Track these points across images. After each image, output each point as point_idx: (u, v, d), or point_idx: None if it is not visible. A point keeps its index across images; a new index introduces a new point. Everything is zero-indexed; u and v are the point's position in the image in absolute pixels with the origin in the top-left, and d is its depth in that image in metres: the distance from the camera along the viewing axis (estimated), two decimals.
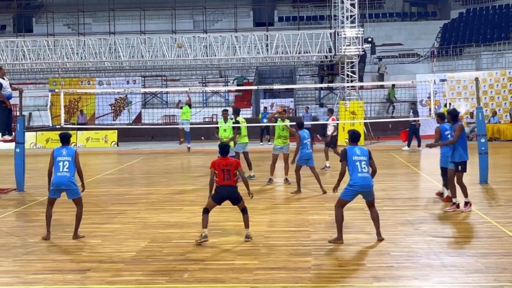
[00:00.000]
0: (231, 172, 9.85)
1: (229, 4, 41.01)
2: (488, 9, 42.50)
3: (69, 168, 10.23)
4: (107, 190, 16.20)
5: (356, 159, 9.53)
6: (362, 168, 9.50)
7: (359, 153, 9.59)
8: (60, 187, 10.32)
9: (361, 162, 9.52)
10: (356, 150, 9.64)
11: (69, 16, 44.12)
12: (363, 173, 9.50)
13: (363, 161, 9.54)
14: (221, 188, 9.87)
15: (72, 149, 10.53)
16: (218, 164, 9.91)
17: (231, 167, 9.87)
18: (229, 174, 9.83)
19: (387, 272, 8.11)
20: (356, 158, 9.53)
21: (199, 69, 38.07)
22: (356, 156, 9.56)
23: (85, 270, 8.49)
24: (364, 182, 9.50)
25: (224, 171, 9.84)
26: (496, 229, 10.27)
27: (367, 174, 9.55)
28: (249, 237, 9.89)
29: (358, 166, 9.50)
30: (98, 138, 31.30)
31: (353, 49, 29.01)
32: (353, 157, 9.55)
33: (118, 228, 11.17)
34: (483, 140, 15.24)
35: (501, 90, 30.82)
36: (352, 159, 9.54)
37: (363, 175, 9.49)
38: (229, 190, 9.85)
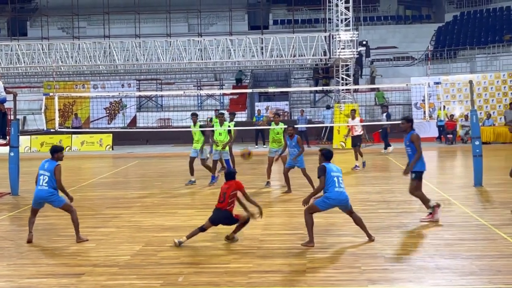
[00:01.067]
0: (227, 194, 9.74)
1: (224, 7, 41.05)
2: (482, 12, 42.65)
3: (48, 182, 10.37)
4: (101, 193, 16.17)
5: (334, 175, 9.80)
6: (340, 183, 9.79)
7: (335, 170, 9.90)
8: (40, 200, 10.50)
9: (338, 178, 9.82)
10: (332, 167, 9.92)
11: (64, 19, 44.08)
12: (340, 188, 9.78)
13: (339, 176, 9.85)
14: (214, 211, 9.92)
15: (53, 163, 10.53)
16: (222, 189, 9.93)
17: (228, 190, 9.79)
18: (224, 196, 9.76)
19: (382, 275, 8.11)
20: (334, 174, 9.81)
21: (194, 72, 38.10)
22: (333, 172, 9.83)
23: (79, 274, 8.46)
24: (340, 197, 9.75)
25: (221, 194, 9.87)
26: (491, 231, 10.28)
27: (343, 189, 9.83)
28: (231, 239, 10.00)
29: (335, 181, 9.77)
30: (93, 142, 31.25)
31: (347, 52, 29.07)
32: (331, 173, 9.80)
33: (113, 231, 11.15)
34: (477, 143, 15.28)
35: (495, 93, 30.92)
36: (331, 175, 9.78)
37: (340, 190, 9.76)
38: (218, 214, 9.83)
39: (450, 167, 21.50)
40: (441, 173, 19.92)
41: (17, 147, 16.11)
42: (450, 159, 23.67)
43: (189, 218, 12.23)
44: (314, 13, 43.83)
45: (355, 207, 12.06)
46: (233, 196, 9.81)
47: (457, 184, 16.13)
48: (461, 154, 24.36)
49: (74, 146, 31.11)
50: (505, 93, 30.72)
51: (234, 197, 9.85)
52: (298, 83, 38.14)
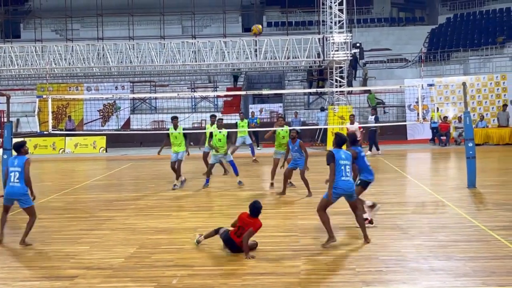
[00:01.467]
0: (244, 230, 9.34)
1: (217, 9, 41.04)
2: (476, 14, 42.80)
3: (20, 178, 10.37)
4: (95, 196, 16.13)
5: (342, 163, 9.69)
6: (346, 172, 9.69)
7: (344, 157, 9.77)
8: (11, 197, 10.48)
9: (345, 167, 9.70)
10: (341, 154, 9.81)
11: (57, 21, 43.96)
12: (346, 177, 9.70)
13: (347, 165, 9.73)
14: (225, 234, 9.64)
15: (23, 158, 10.53)
16: (242, 219, 9.58)
17: (246, 227, 9.37)
18: (240, 229, 9.41)
19: (376, 276, 8.12)
20: (342, 162, 9.69)
21: (188, 74, 38.06)
22: (342, 160, 9.71)
23: (73, 276, 8.43)
24: (347, 186, 9.69)
25: (238, 223, 9.54)
26: (484, 233, 10.31)
27: (349, 178, 9.77)
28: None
29: (342, 170, 9.66)
30: (86, 144, 31.17)
31: (341, 54, 29.09)
32: (339, 161, 9.69)
33: (107, 234, 11.11)
34: (471, 145, 15.31)
35: (489, 95, 31.01)
36: (339, 163, 9.67)
37: (346, 179, 9.69)
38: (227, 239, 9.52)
39: (443, 169, 21.55)
40: (434, 174, 19.97)
41: (10, 150, 16.02)
42: (443, 160, 23.72)
43: (183, 220, 12.21)
44: (308, 15, 43.86)
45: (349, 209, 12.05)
46: (245, 231, 9.33)
47: (451, 186, 16.16)
48: (454, 156, 24.41)
49: (67, 149, 31.03)
50: (498, 95, 30.81)
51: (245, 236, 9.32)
52: (292, 85, 38.16)
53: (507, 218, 11.48)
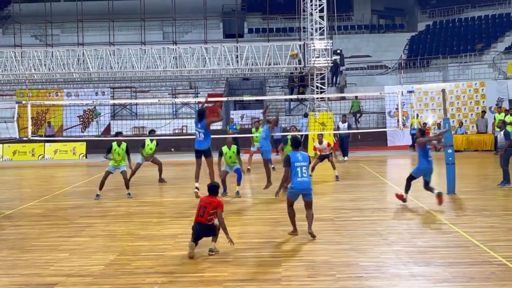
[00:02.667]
0: (207, 211, 9.72)
1: (199, 15, 41.01)
2: (455, 21, 43.27)
3: None
4: (75, 202, 16.01)
5: (298, 165, 10.59)
6: (302, 173, 10.60)
7: (301, 159, 10.67)
8: None
9: (301, 168, 10.60)
10: (298, 156, 10.70)
11: (37, 27, 43.65)
12: (303, 177, 10.60)
13: (303, 166, 10.63)
14: (194, 227, 9.86)
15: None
16: (202, 200, 10.00)
17: (209, 206, 9.77)
18: (203, 212, 9.73)
19: (356, 282, 8.15)
20: (298, 164, 10.59)
21: (169, 80, 37.98)
22: (298, 162, 10.61)
23: (52, 284, 8.37)
24: (302, 186, 10.63)
25: (200, 208, 9.84)
26: (464, 238, 10.40)
27: (306, 178, 10.64)
28: (213, 251, 9.78)
29: (298, 171, 10.59)
30: (66, 150, 30.94)
31: (322, 60, 29.23)
32: (295, 163, 10.59)
33: (86, 241, 11.04)
34: (450, 151, 15.45)
35: (468, 101, 31.33)
36: (294, 165, 10.59)
37: (302, 179, 10.59)
38: (198, 228, 9.77)
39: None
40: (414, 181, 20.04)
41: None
42: None
43: (163, 227, 12.17)
44: (289, 22, 44.01)
45: (329, 215, 12.19)
46: (212, 214, 9.76)
47: (430, 192, 16.25)
48: (434, 162, 24.53)
49: (47, 155, 30.78)
50: (477, 101, 31.15)
51: (214, 214, 9.78)
52: (273, 91, 38.24)
53: (486, 224, 11.59)
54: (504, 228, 11.17)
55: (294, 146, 10.92)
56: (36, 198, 16.59)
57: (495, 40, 39.03)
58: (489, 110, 30.10)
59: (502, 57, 36.48)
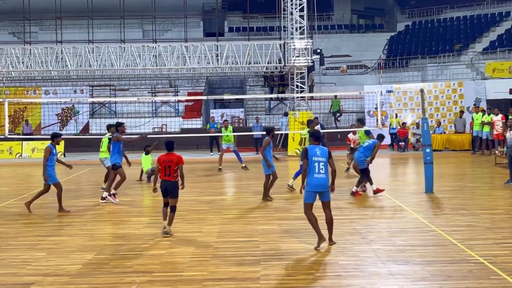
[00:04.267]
0: (172, 169, 10.95)
1: (179, 14, 40.89)
2: (434, 22, 43.62)
3: None
4: (53, 201, 15.84)
5: (316, 160, 9.69)
6: (320, 169, 9.68)
7: (319, 154, 9.77)
8: None
9: (319, 163, 9.69)
10: (316, 150, 9.82)
11: (15, 24, 43.23)
12: (320, 174, 9.69)
13: (321, 162, 9.72)
14: (161, 184, 11.04)
15: None
16: (161, 160, 11.06)
17: (171, 164, 10.96)
18: (169, 170, 10.96)
19: (335, 281, 8.17)
20: (316, 158, 9.71)
21: (149, 78, 37.82)
22: (316, 156, 9.73)
23: (29, 283, 8.28)
24: (319, 182, 9.69)
25: (164, 167, 11.01)
26: (441, 237, 10.47)
27: (323, 175, 9.72)
28: (167, 233, 10.92)
29: (316, 166, 9.66)
30: (44, 149, 30.59)
31: (302, 60, 29.28)
32: (313, 157, 9.72)
33: (64, 240, 10.94)
34: (428, 150, 15.55)
35: (446, 101, 31.56)
36: (312, 159, 9.70)
37: (319, 176, 9.68)
38: (165, 184, 11.01)
39: (401, 174, 21.83)
40: (393, 180, 20.21)
41: None
42: (402, 166, 24.04)
43: (142, 226, 12.11)
44: (269, 21, 44.07)
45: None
46: (176, 170, 11.00)
47: (409, 191, 16.39)
48: (412, 161, 24.77)
49: (24, 153, 30.47)
50: (455, 101, 31.39)
51: (177, 170, 11.01)
52: (253, 90, 38.24)
53: (463, 223, 11.69)
54: (481, 227, 11.27)
55: (315, 139, 10.05)
56: (13, 197, 16.42)
57: (473, 40, 39.40)
58: (467, 110, 30.36)
59: (480, 58, 36.83)
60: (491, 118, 25.95)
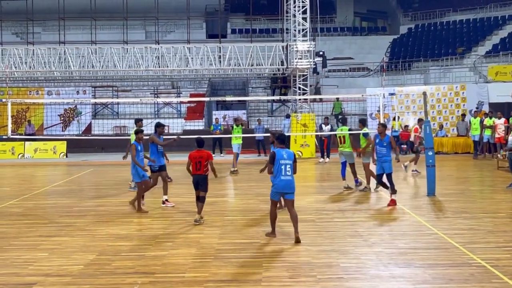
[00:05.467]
0: (202, 164, 12.03)
1: (182, 15, 40.96)
2: (436, 25, 43.62)
3: None
4: (55, 202, 15.88)
5: (283, 163, 10.44)
6: (286, 171, 10.45)
7: (286, 157, 10.52)
8: None
9: (286, 166, 10.45)
10: (283, 153, 10.57)
11: (18, 24, 43.32)
12: (286, 176, 10.45)
13: (288, 164, 10.46)
14: (194, 177, 12.15)
15: None
16: (193, 156, 12.10)
17: (202, 159, 12.03)
18: (200, 165, 12.04)
19: (337, 283, 8.16)
20: (283, 161, 10.44)
21: (151, 80, 37.87)
22: (283, 159, 10.46)
23: (31, 284, 8.28)
24: (285, 184, 10.48)
25: (195, 163, 12.06)
26: (443, 240, 10.46)
27: (289, 177, 10.49)
28: (197, 221, 12.03)
29: (283, 169, 10.43)
30: (46, 149, 30.69)
31: (304, 62, 29.29)
32: (280, 160, 10.46)
33: (66, 241, 10.95)
34: (431, 153, 15.54)
35: (448, 104, 31.56)
36: (279, 162, 10.45)
37: (285, 178, 10.45)
38: (198, 178, 12.08)
39: (403, 177, 21.79)
40: (395, 182, 20.15)
41: None
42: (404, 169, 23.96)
43: (144, 227, 12.11)
44: (272, 23, 44.11)
45: (310, 216, 12.23)
46: (206, 165, 12.07)
47: (411, 194, 16.37)
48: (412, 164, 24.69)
49: (27, 154, 30.50)
50: (458, 104, 31.39)
51: (207, 165, 12.09)
52: (256, 92, 38.28)
53: (465, 226, 11.68)
54: (483, 230, 11.26)
55: (280, 142, 10.80)
56: (15, 197, 16.43)
57: (476, 44, 39.42)
58: (469, 113, 30.35)
59: (482, 61, 36.84)
60: (493, 122, 25.93)
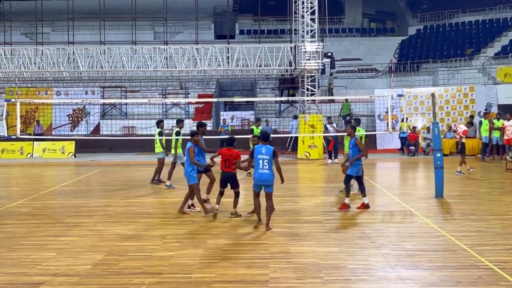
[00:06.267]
0: (231, 161, 12.55)
1: (190, 16, 41.02)
2: (445, 26, 43.49)
3: None
4: (63, 202, 15.93)
5: (260, 157, 11.52)
6: (264, 165, 11.48)
7: (264, 152, 11.55)
8: None
9: (263, 160, 11.48)
10: (262, 149, 11.61)
11: (27, 25, 43.50)
12: (263, 169, 11.49)
13: (265, 159, 11.48)
14: (222, 173, 12.72)
15: None
16: (223, 153, 12.71)
17: (231, 157, 12.58)
18: (228, 163, 12.58)
19: (344, 285, 8.15)
20: (260, 156, 11.52)
21: (159, 80, 37.93)
22: (260, 154, 11.54)
23: (39, 283, 8.32)
24: (261, 177, 11.54)
25: (224, 160, 12.62)
26: (451, 242, 10.43)
27: (266, 170, 11.48)
28: (233, 214, 12.86)
29: (260, 163, 11.51)
30: (55, 149, 30.80)
31: (313, 63, 29.26)
32: (258, 155, 11.56)
33: (74, 240, 10.98)
34: (439, 155, 15.49)
35: (457, 106, 31.46)
36: (257, 157, 11.56)
37: (262, 172, 11.50)
38: (226, 175, 12.71)
39: (411, 179, 21.76)
40: (403, 184, 20.16)
41: None
42: (412, 170, 23.96)
43: (151, 227, 12.13)
44: (280, 23, 44.10)
45: (318, 217, 12.23)
46: (235, 163, 12.59)
47: (419, 196, 16.32)
48: (422, 166, 24.68)
49: (35, 153, 30.62)
50: (466, 106, 31.28)
51: (235, 163, 12.59)
52: (264, 93, 38.29)
53: (473, 228, 11.64)
54: (491, 233, 11.22)
55: (263, 139, 11.84)
56: (24, 197, 16.49)
57: (485, 45, 39.27)
58: (478, 115, 30.25)
59: (491, 62, 36.70)
60: (502, 123, 25.83)
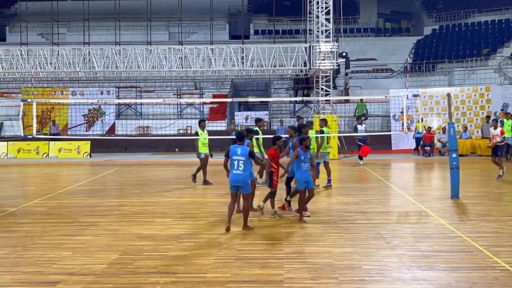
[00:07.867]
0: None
1: (205, 16, 41.11)
2: (461, 26, 43.23)
3: None
4: (78, 201, 16.02)
5: (235, 158, 11.36)
6: (238, 166, 11.34)
7: (239, 153, 11.39)
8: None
9: (238, 161, 11.35)
10: (237, 150, 11.45)
11: (43, 25, 43.81)
12: (237, 170, 11.35)
13: (240, 160, 11.33)
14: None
15: None
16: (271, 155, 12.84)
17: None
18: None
19: (359, 285, 8.12)
20: (235, 157, 11.36)
21: (174, 80, 38.05)
22: (236, 155, 11.38)
23: (54, 282, 8.36)
24: (235, 178, 11.39)
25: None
26: (467, 243, 10.36)
27: (239, 171, 11.34)
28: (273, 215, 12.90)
29: (235, 164, 11.37)
30: (70, 149, 31.01)
31: (327, 63, 29.21)
32: (233, 156, 11.41)
33: (89, 240, 11.04)
34: (455, 155, 15.40)
35: (473, 106, 31.28)
36: (232, 158, 11.41)
37: (236, 172, 11.37)
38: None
39: (427, 179, 21.66)
40: (418, 185, 20.06)
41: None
42: (427, 171, 23.85)
43: (166, 227, 12.16)
44: (295, 24, 44.08)
45: (332, 218, 12.20)
46: None
47: (434, 196, 16.24)
48: (438, 166, 24.56)
49: (51, 153, 30.84)
50: (482, 106, 31.09)
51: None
52: (278, 93, 38.28)
53: (489, 229, 11.56)
54: (507, 234, 11.14)
55: (238, 139, 11.66)
56: (39, 196, 16.61)
57: (501, 45, 38.99)
58: (494, 115, 30.03)
59: (508, 62, 36.44)
60: None
